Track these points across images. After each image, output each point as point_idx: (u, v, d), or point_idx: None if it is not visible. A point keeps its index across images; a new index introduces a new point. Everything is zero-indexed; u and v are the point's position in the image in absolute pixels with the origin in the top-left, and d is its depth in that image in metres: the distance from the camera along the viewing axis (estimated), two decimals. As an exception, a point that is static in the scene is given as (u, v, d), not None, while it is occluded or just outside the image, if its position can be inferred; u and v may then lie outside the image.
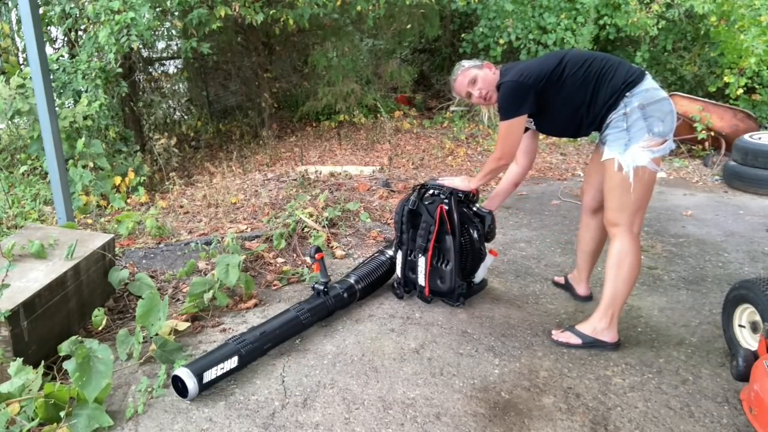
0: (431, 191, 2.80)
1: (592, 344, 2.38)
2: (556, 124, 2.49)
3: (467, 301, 2.81)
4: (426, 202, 2.76)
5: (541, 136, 2.68)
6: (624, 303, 2.39)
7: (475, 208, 2.77)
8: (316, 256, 2.67)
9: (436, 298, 2.83)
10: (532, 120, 2.51)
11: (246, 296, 2.88)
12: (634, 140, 2.20)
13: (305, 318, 2.50)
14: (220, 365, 2.15)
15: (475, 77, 2.48)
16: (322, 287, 2.64)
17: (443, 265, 2.72)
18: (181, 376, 2.05)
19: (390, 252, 3.02)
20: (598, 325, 2.38)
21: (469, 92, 2.51)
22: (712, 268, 3.29)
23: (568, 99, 2.33)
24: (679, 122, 6.00)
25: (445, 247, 2.70)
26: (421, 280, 2.76)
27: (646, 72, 2.29)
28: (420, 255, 2.74)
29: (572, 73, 2.30)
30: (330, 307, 2.64)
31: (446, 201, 2.69)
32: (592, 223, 2.68)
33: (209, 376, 2.10)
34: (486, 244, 2.80)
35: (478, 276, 2.82)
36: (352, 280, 2.79)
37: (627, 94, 2.21)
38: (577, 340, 2.39)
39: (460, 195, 2.71)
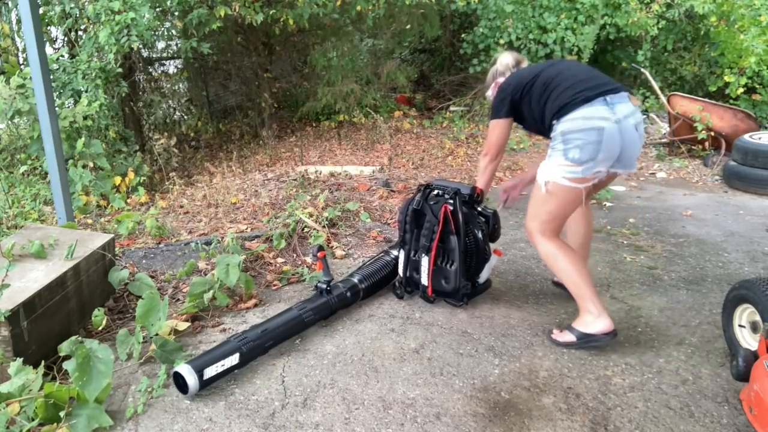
0: (436, 191, 2.80)
1: (585, 339, 2.36)
2: (532, 129, 2.65)
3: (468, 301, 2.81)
4: (430, 202, 2.76)
5: (541, 136, 2.79)
6: (590, 287, 2.37)
7: (479, 209, 2.77)
8: (319, 254, 2.67)
9: (439, 298, 2.83)
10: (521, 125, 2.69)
11: (246, 296, 2.88)
12: (551, 158, 2.37)
13: (308, 317, 2.51)
14: (221, 362, 2.15)
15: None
16: (324, 286, 2.64)
17: (448, 265, 2.72)
18: (182, 372, 2.06)
19: (395, 252, 3.01)
20: (587, 317, 2.38)
21: None
22: (712, 268, 3.29)
23: (530, 112, 2.51)
24: (679, 122, 6.02)
25: (449, 247, 2.70)
26: (424, 279, 2.76)
27: (606, 96, 2.28)
28: (423, 255, 2.74)
29: (536, 89, 2.46)
30: (333, 306, 2.64)
31: (450, 201, 2.69)
32: (572, 215, 2.68)
33: (210, 372, 2.11)
34: (491, 244, 2.80)
35: (482, 276, 2.82)
36: (355, 280, 2.79)
37: (554, 121, 2.36)
38: (572, 338, 2.40)
39: (465, 195, 2.71)
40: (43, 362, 2.08)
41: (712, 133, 5.76)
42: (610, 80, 2.41)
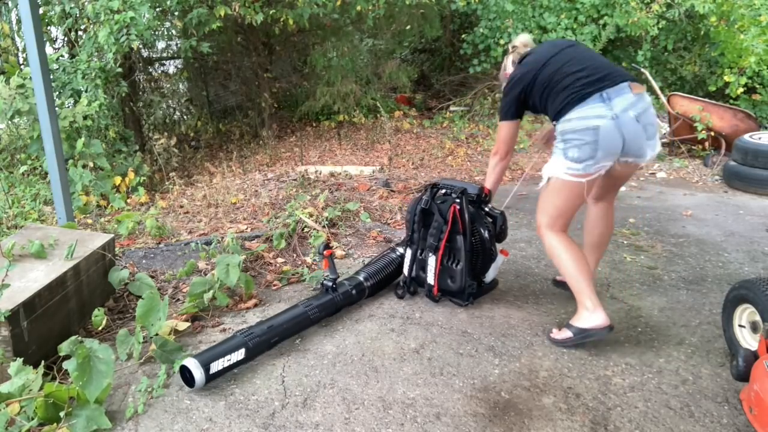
0: (443, 191, 2.81)
1: (582, 334, 2.36)
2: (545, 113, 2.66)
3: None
4: (438, 202, 2.77)
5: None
6: (588, 282, 2.37)
7: (487, 209, 2.78)
8: (325, 253, 2.68)
9: (443, 298, 2.83)
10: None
11: (246, 296, 2.88)
12: (554, 156, 2.41)
13: (313, 314, 2.52)
14: (228, 357, 2.17)
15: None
16: (330, 284, 2.65)
17: (454, 265, 2.73)
18: (189, 366, 2.08)
19: (401, 250, 3.01)
20: (583, 313, 2.38)
21: None
22: (712, 268, 3.29)
23: (535, 106, 2.54)
24: (678, 122, 6.01)
25: (456, 247, 2.71)
26: (430, 279, 2.77)
27: (604, 92, 2.28)
28: (431, 254, 2.74)
29: (537, 90, 2.48)
30: (338, 303, 2.65)
31: (458, 201, 2.70)
32: (593, 211, 2.70)
33: (216, 367, 2.13)
34: (497, 245, 2.81)
35: (489, 276, 2.82)
36: (361, 277, 2.80)
37: (554, 122, 2.42)
38: (569, 334, 2.40)
39: (472, 195, 2.72)
40: (43, 362, 2.08)
41: (712, 133, 5.76)
42: (611, 71, 2.36)
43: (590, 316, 2.36)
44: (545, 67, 2.46)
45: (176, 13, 6.20)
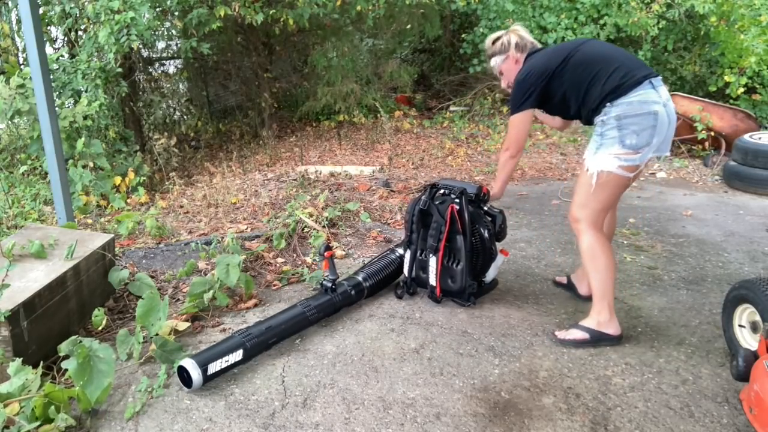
0: (442, 191, 2.81)
1: (599, 338, 2.38)
2: (560, 112, 2.59)
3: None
4: (437, 202, 2.77)
5: (542, 136, 2.79)
6: (612, 292, 2.40)
7: (486, 208, 2.78)
8: (326, 254, 2.68)
9: (446, 298, 2.83)
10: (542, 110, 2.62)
11: (246, 296, 2.88)
12: (604, 147, 2.30)
13: (311, 314, 2.52)
14: (225, 357, 2.17)
15: (500, 70, 2.65)
16: (330, 284, 2.65)
17: (454, 265, 2.73)
18: (186, 366, 2.08)
19: (400, 251, 3.02)
20: (599, 317, 2.39)
21: (499, 76, 2.72)
22: (712, 268, 3.29)
23: (566, 94, 2.42)
24: (678, 122, 6.00)
25: (455, 247, 2.71)
26: (432, 280, 2.77)
27: (651, 80, 2.27)
28: (431, 255, 2.74)
29: (572, 71, 2.37)
30: (337, 303, 2.65)
31: (457, 200, 2.70)
32: None
33: (214, 367, 2.13)
34: (497, 244, 2.81)
35: (489, 275, 2.82)
36: (360, 278, 2.80)
37: (608, 104, 2.28)
38: (584, 335, 2.39)
39: (471, 194, 2.72)
40: (42, 362, 2.08)
41: (712, 133, 5.76)
42: (644, 63, 2.39)
43: (607, 321, 2.39)
44: (579, 49, 2.37)
45: (176, 13, 6.20)
